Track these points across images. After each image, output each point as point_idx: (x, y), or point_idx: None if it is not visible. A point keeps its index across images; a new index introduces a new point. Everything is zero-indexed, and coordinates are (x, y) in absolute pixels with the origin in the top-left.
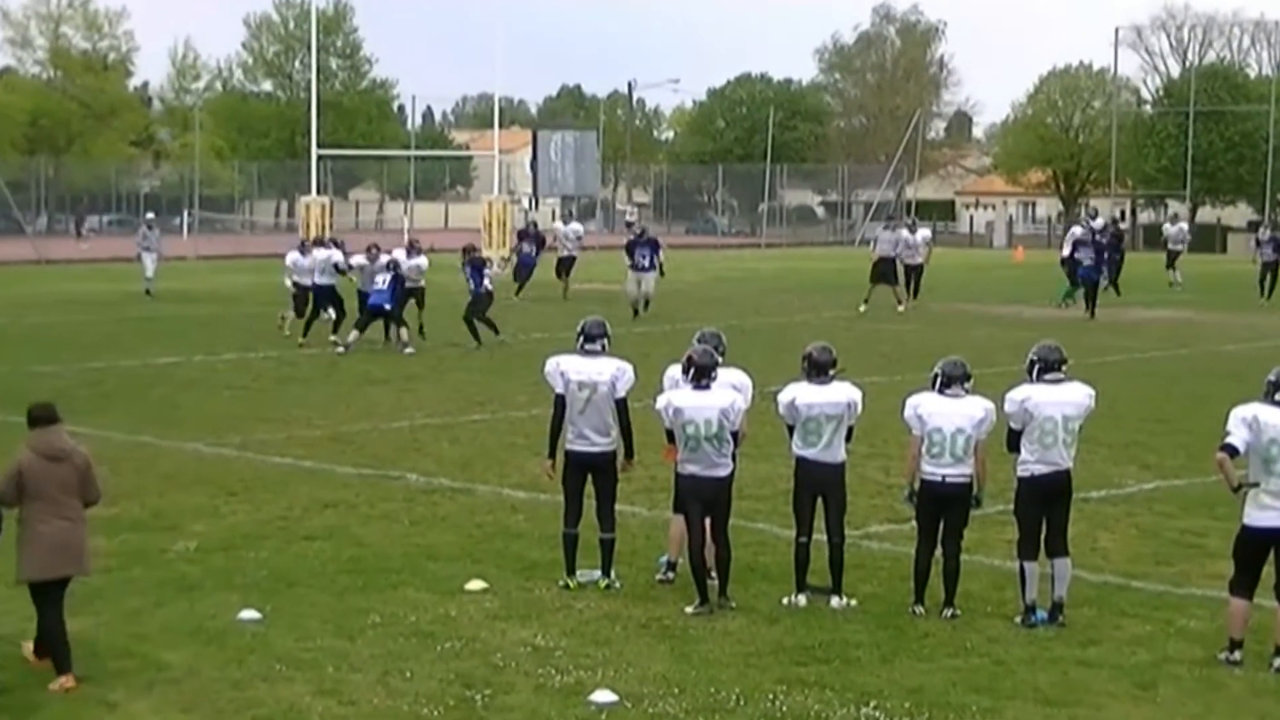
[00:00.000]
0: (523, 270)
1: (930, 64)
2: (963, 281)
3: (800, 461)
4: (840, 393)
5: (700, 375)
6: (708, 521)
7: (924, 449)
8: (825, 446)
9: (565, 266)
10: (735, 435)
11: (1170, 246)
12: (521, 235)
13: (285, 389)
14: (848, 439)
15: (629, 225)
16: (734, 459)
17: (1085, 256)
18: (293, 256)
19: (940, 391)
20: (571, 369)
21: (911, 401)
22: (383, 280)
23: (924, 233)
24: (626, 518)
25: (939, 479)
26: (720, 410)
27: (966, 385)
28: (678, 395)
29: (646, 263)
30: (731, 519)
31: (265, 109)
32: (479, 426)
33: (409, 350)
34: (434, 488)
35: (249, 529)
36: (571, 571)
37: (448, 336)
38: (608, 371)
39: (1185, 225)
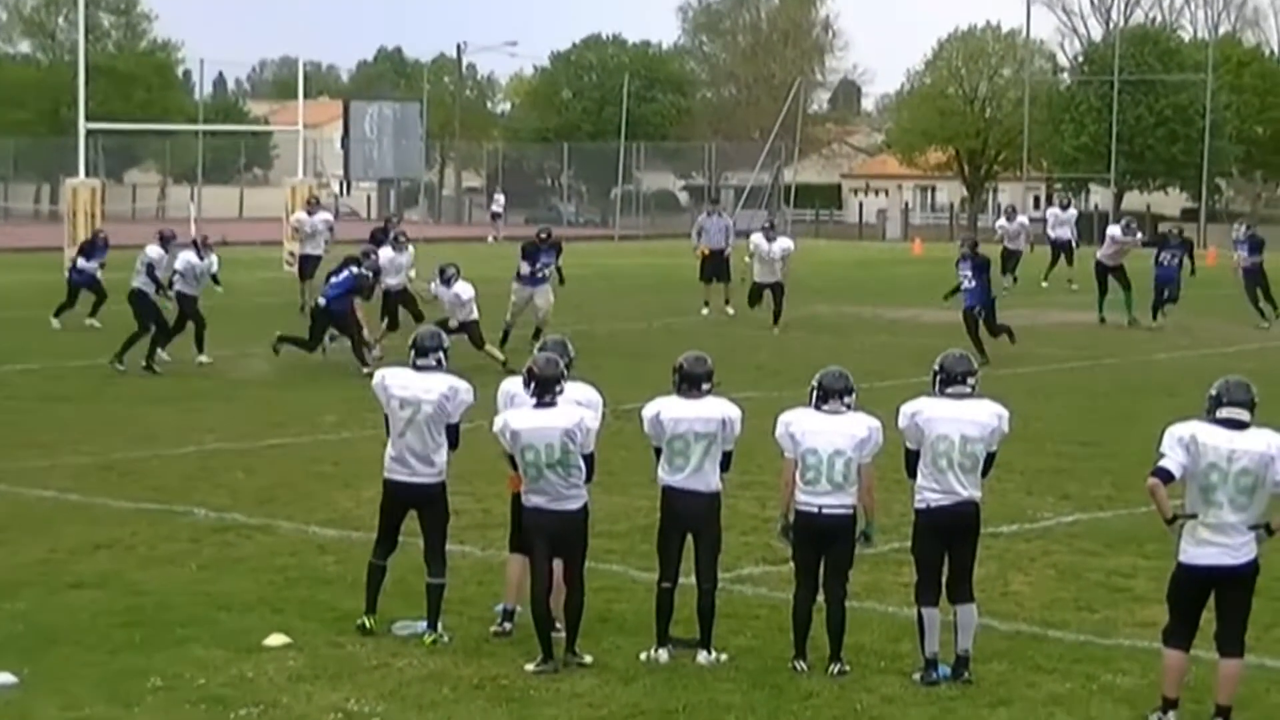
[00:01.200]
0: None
1: (813, 26)
2: (852, 280)
3: (666, 492)
4: (714, 408)
5: (543, 389)
6: (558, 564)
7: (798, 474)
8: (694, 471)
9: (309, 267)
10: (589, 460)
11: (1007, 244)
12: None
13: (49, 409)
14: (725, 468)
15: (495, 217)
16: (586, 488)
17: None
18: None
19: (817, 407)
20: (396, 384)
21: (784, 419)
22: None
23: (784, 243)
24: (456, 559)
25: (815, 510)
26: (563, 432)
27: (848, 400)
28: (515, 416)
29: (545, 273)
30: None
31: (22, 74)
32: (279, 452)
33: (203, 360)
34: (227, 525)
35: (3, 575)
36: (372, 609)
37: (242, 345)
38: (437, 390)
39: (1026, 220)
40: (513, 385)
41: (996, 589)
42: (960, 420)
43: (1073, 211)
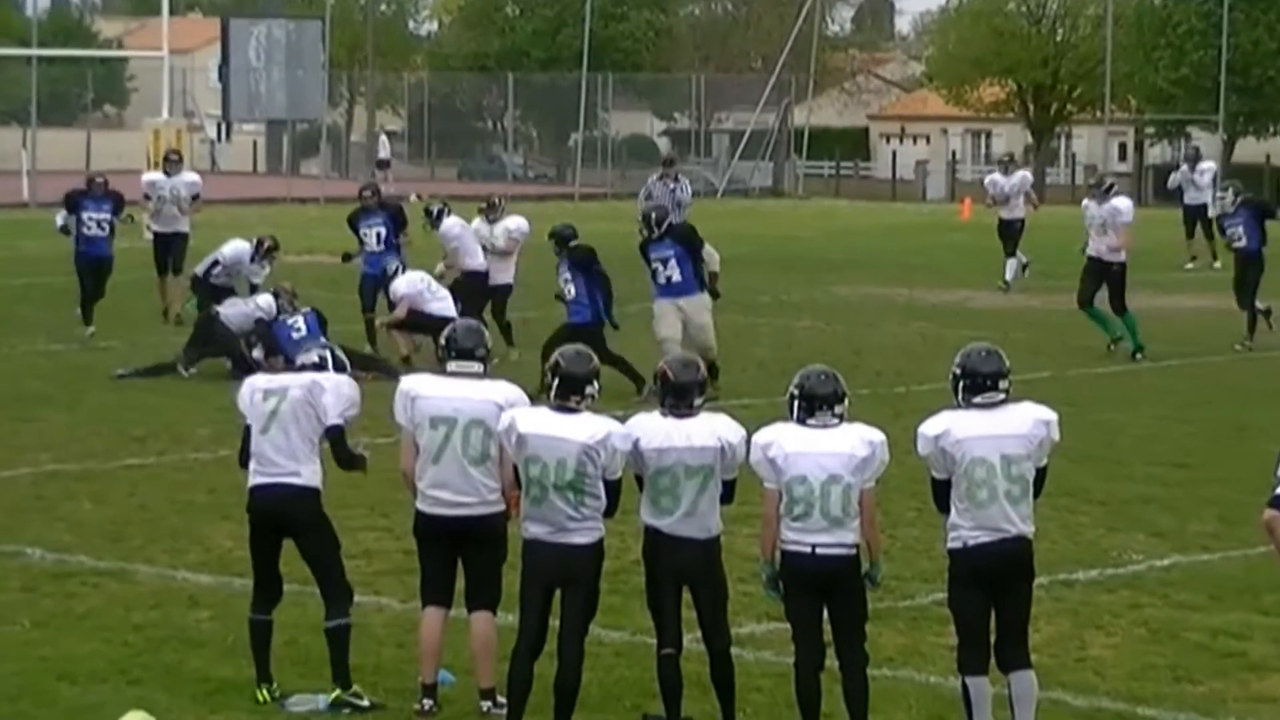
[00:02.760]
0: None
1: None
2: (881, 251)
3: (652, 536)
4: (707, 431)
5: (567, 390)
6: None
7: (783, 508)
8: (686, 514)
9: (168, 247)
10: (612, 488)
11: (1002, 213)
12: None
13: None
14: (726, 499)
15: (382, 166)
16: (603, 523)
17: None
18: None
19: (802, 421)
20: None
21: (760, 440)
22: None
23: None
24: (369, 613)
25: (807, 550)
26: (582, 448)
27: (840, 409)
28: (526, 416)
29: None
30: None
31: None
32: (137, 475)
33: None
34: (69, 569)
35: None
36: (265, 678)
37: (97, 337)
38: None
39: (1028, 174)
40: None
41: (1070, 653)
42: (998, 436)
43: (1209, 165)
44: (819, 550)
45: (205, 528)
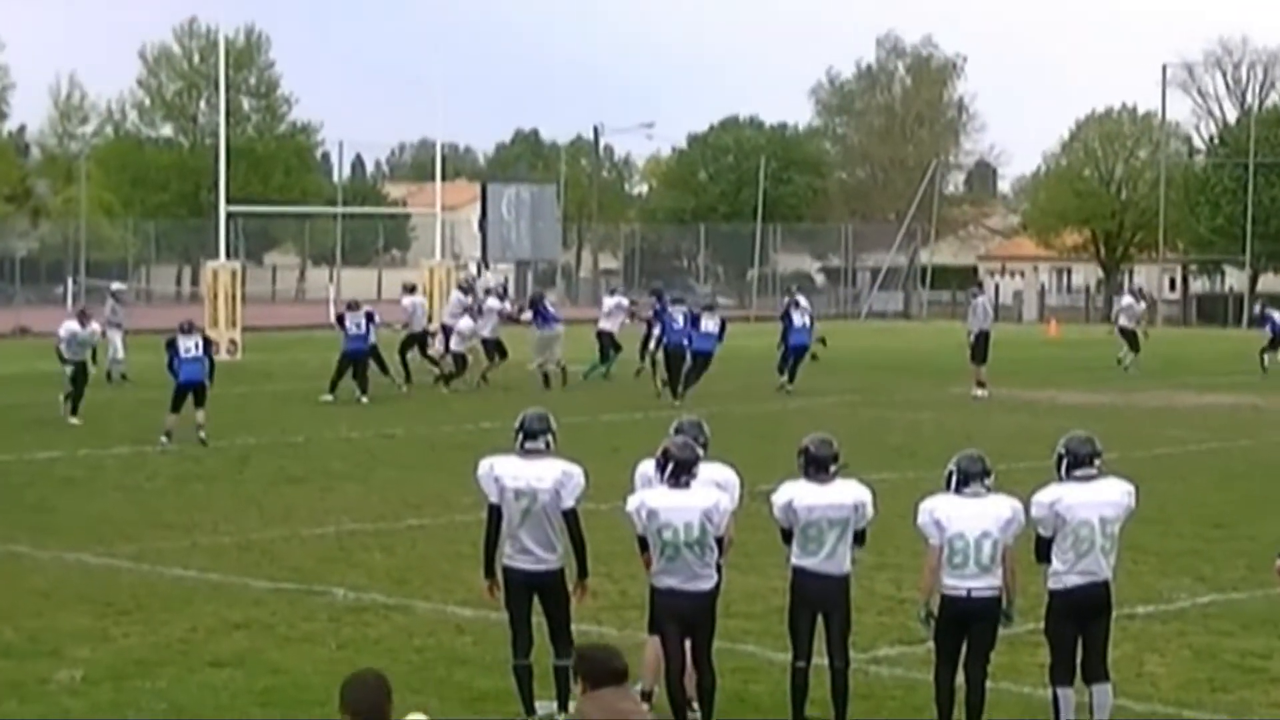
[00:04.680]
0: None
1: (947, 106)
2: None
3: (798, 573)
4: (845, 493)
5: (679, 471)
6: (687, 643)
7: (945, 559)
8: (828, 556)
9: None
10: (720, 542)
11: (1123, 323)
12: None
13: (186, 489)
14: (858, 544)
15: (470, 288)
16: (719, 570)
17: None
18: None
19: (958, 491)
20: (507, 474)
21: (926, 506)
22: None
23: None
24: (593, 639)
25: (964, 593)
26: (702, 512)
27: (987, 482)
28: (652, 495)
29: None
30: (716, 640)
31: (164, 157)
32: (417, 533)
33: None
34: (364, 605)
35: (144, 654)
36: (530, 710)
37: (383, 426)
38: (549, 477)
39: (1131, 300)
40: (649, 467)
41: (1132, 670)
42: (1098, 503)
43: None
44: (973, 593)
45: (468, 573)
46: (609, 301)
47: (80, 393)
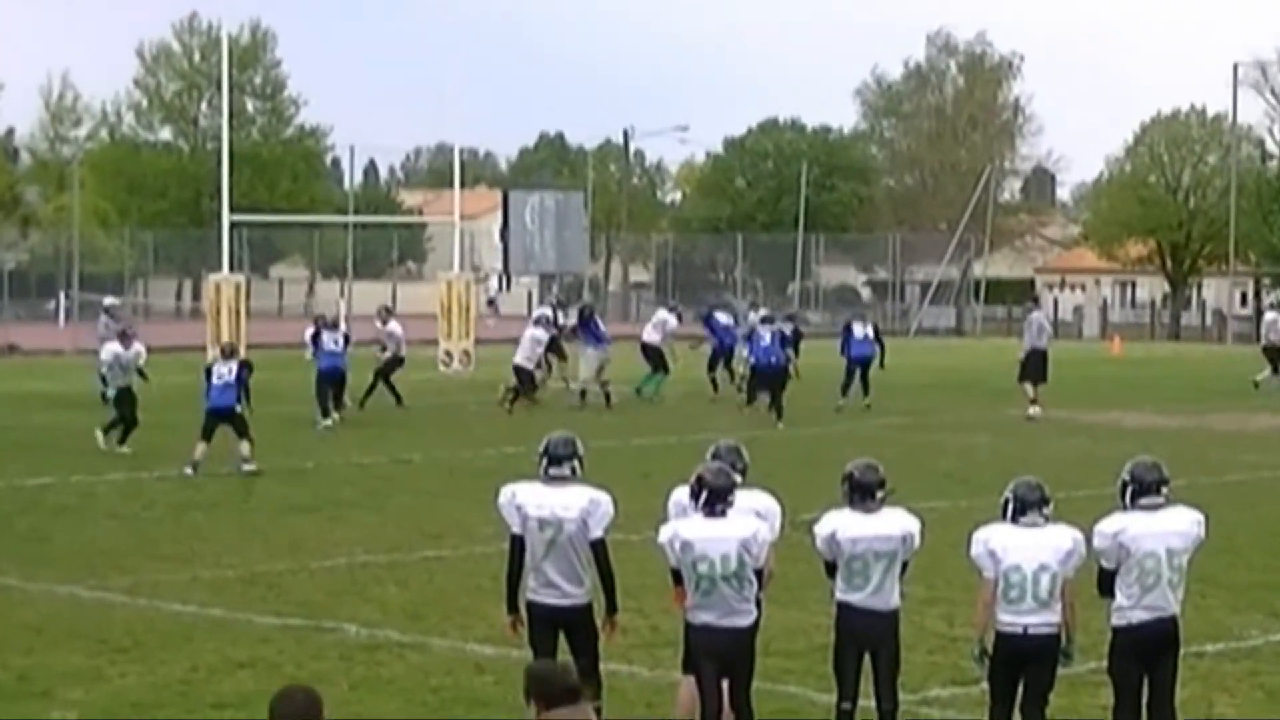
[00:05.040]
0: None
1: (1002, 108)
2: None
3: (842, 609)
4: (892, 523)
5: (714, 500)
6: (725, 684)
7: (1000, 593)
8: (874, 590)
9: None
10: (759, 574)
11: (1273, 339)
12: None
13: (186, 518)
14: (902, 577)
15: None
16: (758, 605)
17: None
18: None
19: (1014, 521)
20: (530, 502)
21: (980, 536)
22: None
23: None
24: (622, 679)
25: (1020, 630)
26: (740, 542)
27: (1046, 511)
28: (686, 525)
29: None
30: (755, 680)
31: (163, 163)
32: (434, 565)
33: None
34: (378, 642)
35: (141, 695)
36: None
37: (397, 451)
38: (576, 505)
39: (1276, 315)
40: (683, 495)
41: (1201, 711)
42: (1165, 534)
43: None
44: (1030, 630)
45: (489, 607)
46: (663, 317)
47: (132, 419)
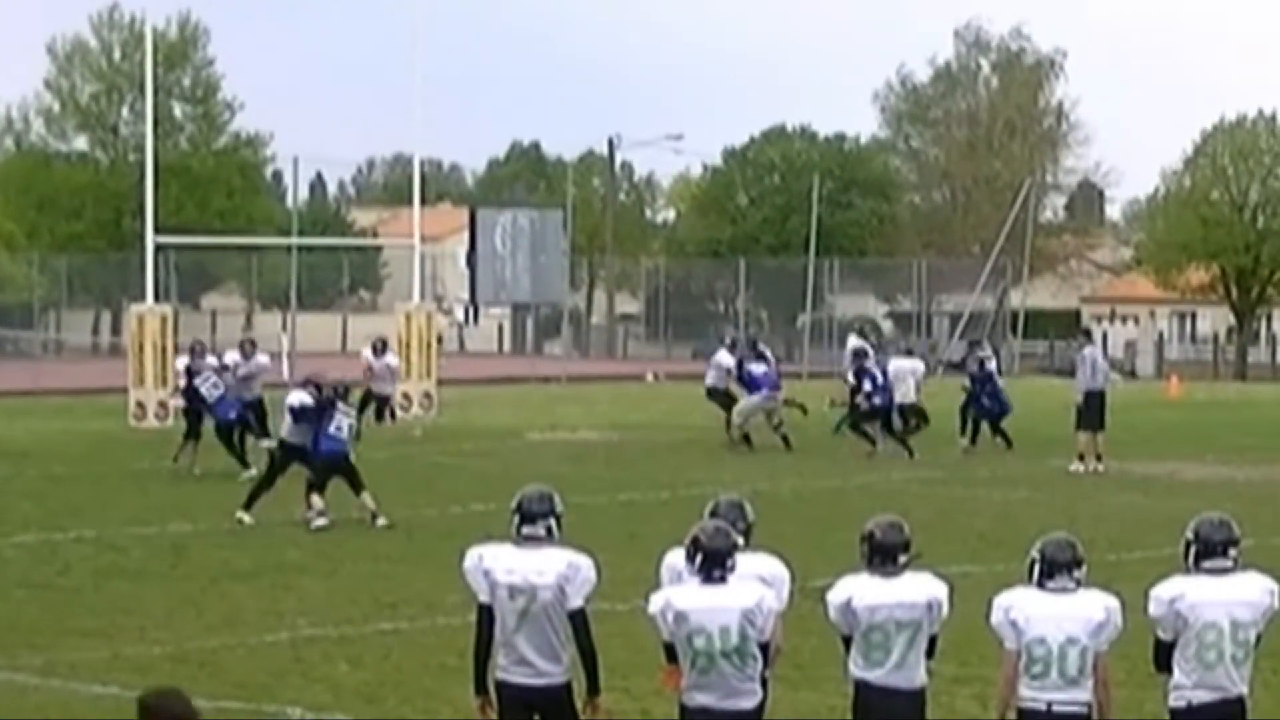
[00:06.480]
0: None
1: (1043, 113)
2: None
3: (860, 688)
4: (917, 589)
5: (712, 564)
6: None
7: (1023, 666)
8: (896, 666)
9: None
10: (765, 649)
11: None
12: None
13: (109, 586)
14: (929, 654)
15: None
16: (764, 685)
17: None
18: None
19: (1041, 585)
20: (500, 567)
21: (1001, 602)
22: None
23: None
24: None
25: (1043, 708)
26: (742, 613)
27: (1078, 574)
28: (680, 594)
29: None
30: None
31: (78, 176)
32: (391, 640)
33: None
34: None
35: None
36: None
37: (349, 509)
38: (552, 570)
39: None
40: (677, 558)
41: None
42: (1229, 602)
43: None
44: (1054, 708)
45: (456, 689)
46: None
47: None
